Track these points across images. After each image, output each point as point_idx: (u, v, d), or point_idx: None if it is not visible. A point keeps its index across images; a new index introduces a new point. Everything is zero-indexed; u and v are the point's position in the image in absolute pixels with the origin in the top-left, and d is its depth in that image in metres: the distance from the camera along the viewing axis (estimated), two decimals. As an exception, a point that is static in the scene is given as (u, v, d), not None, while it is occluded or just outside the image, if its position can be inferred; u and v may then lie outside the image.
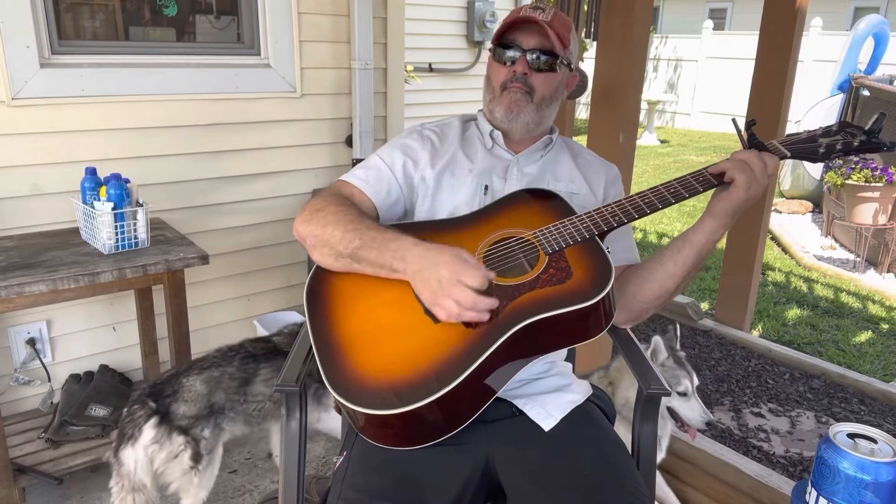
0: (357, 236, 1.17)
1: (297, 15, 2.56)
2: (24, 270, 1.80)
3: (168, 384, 1.87)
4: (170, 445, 1.79)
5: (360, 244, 1.16)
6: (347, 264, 1.18)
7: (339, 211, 1.22)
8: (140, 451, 1.78)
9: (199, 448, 1.82)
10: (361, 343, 1.10)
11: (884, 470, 1.02)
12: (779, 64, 2.78)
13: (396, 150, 1.38)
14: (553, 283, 1.12)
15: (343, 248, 1.17)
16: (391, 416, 1.01)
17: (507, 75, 1.33)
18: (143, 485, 1.81)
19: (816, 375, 2.80)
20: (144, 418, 1.80)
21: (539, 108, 1.34)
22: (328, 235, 1.19)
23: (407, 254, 1.12)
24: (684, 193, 1.19)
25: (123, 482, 1.81)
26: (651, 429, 1.30)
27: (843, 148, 1.18)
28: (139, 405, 1.83)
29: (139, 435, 1.79)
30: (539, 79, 1.32)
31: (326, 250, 1.20)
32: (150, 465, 1.80)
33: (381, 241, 1.15)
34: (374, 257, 1.15)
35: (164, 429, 1.80)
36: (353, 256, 1.16)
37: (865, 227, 4.69)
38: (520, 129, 1.36)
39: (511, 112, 1.33)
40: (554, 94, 1.36)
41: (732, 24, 15.77)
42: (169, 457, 1.80)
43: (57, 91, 2.13)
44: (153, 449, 1.79)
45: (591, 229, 1.18)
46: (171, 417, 1.80)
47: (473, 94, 4.24)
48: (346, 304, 1.17)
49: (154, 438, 1.79)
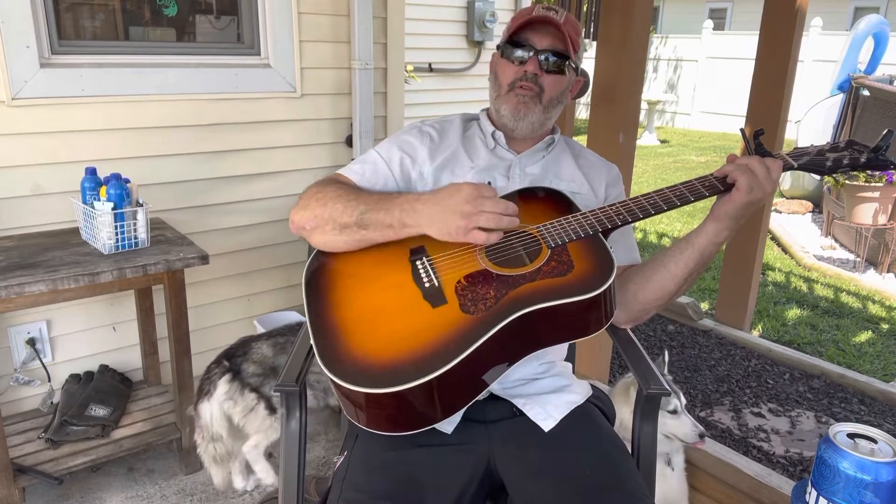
0: (361, 202, 1.18)
1: (297, 15, 2.56)
2: (24, 270, 1.80)
3: (240, 347, 2.08)
4: (242, 401, 1.99)
5: (366, 208, 1.17)
6: (354, 233, 1.18)
7: (338, 188, 1.24)
8: (215, 405, 1.98)
9: (272, 403, 2.00)
10: (358, 325, 1.10)
11: (884, 470, 1.02)
12: (779, 64, 2.78)
13: (394, 145, 1.38)
14: (554, 275, 1.12)
15: (347, 218, 1.17)
16: (385, 396, 1.00)
17: (516, 74, 1.32)
18: (220, 435, 2.01)
19: (816, 375, 2.80)
20: (219, 375, 2.01)
21: (546, 110, 1.34)
22: (329, 211, 1.19)
23: (416, 204, 1.13)
24: (690, 197, 1.19)
25: (203, 433, 2.02)
26: (651, 429, 1.30)
27: (850, 164, 1.19)
28: (215, 364, 2.05)
29: (214, 390, 1.99)
30: (549, 80, 1.32)
31: (329, 227, 1.19)
32: (225, 418, 2.00)
33: (387, 200, 1.17)
34: (381, 217, 1.15)
35: (237, 385, 1.99)
36: (360, 223, 1.16)
37: (865, 227, 4.70)
38: (525, 129, 1.36)
39: (518, 112, 1.33)
40: (560, 97, 1.36)
41: (732, 24, 15.77)
42: (245, 410, 1.99)
43: (57, 91, 2.13)
44: (228, 404, 1.99)
45: (595, 226, 1.18)
46: (242, 376, 1.99)
47: (473, 94, 4.26)
48: (344, 288, 1.17)
49: (227, 394, 1.98)
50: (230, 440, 2.04)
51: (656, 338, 3.14)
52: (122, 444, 2.09)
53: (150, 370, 2.45)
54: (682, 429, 1.87)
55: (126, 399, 2.31)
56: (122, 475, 2.21)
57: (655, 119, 11.68)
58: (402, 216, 1.13)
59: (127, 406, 2.28)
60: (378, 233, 1.16)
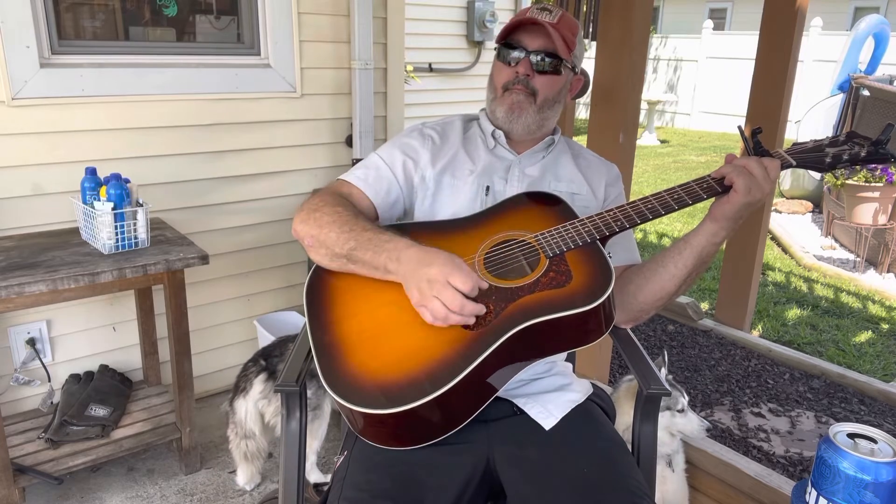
0: (352, 237, 1.17)
1: (297, 15, 2.56)
2: (24, 270, 1.80)
3: (277, 347, 2.12)
4: (276, 401, 1.98)
5: (356, 245, 1.16)
6: (343, 265, 1.19)
7: (335, 212, 1.22)
8: (250, 402, 2.02)
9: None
10: (359, 343, 1.10)
11: (884, 470, 1.02)
12: (779, 64, 2.78)
13: (396, 149, 1.38)
14: (553, 286, 1.11)
15: (339, 249, 1.17)
16: (387, 416, 1.01)
17: (509, 76, 1.33)
18: (253, 433, 2.05)
19: (816, 375, 2.80)
20: (255, 374, 2.04)
21: (541, 111, 1.34)
22: (324, 236, 1.19)
23: (402, 254, 1.12)
24: (688, 200, 1.19)
25: (237, 429, 2.06)
26: (651, 428, 1.30)
27: (850, 159, 1.18)
28: (252, 363, 2.08)
29: (250, 388, 2.03)
30: (542, 81, 1.32)
31: (323, 251, 1.20)
32: (259, 416, 2.03)
33: (377, 242, 1.15)
34: (368, 258, 1.15)
35: (272, 385, 2.01)
36: (349, 257, 1.17)
37: (865, 227, 4.70)
38: (520, 131, 1.36)
39: (512, 113, 1.33)
40: (557, 97, 1.36)
41: (732, 24, 15.77)
42: (277, 411, 1.98)
43: (57, 91, 2.13)
44: (262, 403, 2.02)
45: (593, 233, 1.18)
46: (277, 375, 1.99)
47: (473, 94, 4.26)
48: (344, 304, 1.17)
49: (263, 393, 2.01)
50: (262, 438, 2.08)
51: (656, 338, 3.14)
52: (122, 444, 2.09)
53: (150, 370, 2.45)
54: (690, 426, 1.93)
55: (126, 399, 2.31)
56: (122, 475, 2.21)
57: (655, 119, 11.68)
58: (387, 263, 1.13)
59: (127, 406, 2.28)
60: (365, 270, 1.17)
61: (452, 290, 1.04)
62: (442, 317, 1.05)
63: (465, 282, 1.05)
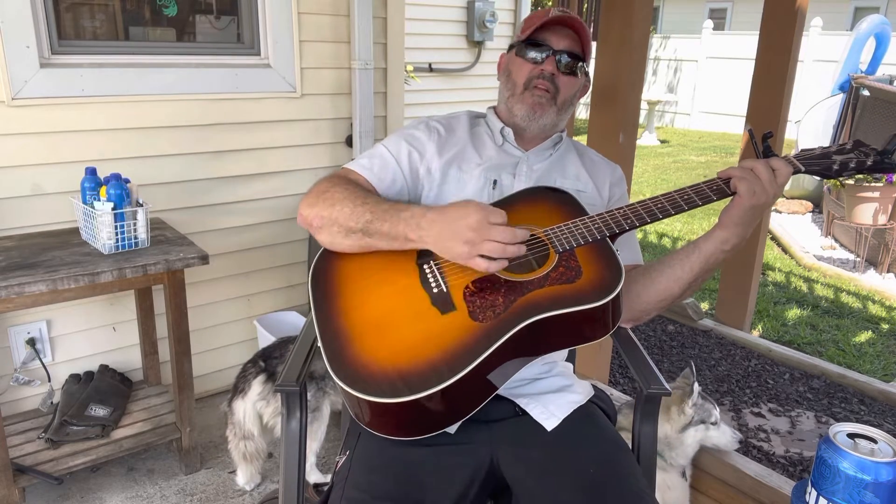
0: (367, 209, 1.16)
1: (297, 15, 2.56)
2: (24, 270, 1.80)
3: (277, 348, 2.11)
4: (275, 402, 2.01)
5: (372, 217, 1.15)
6: (359, 239, 1.17)
7: (346, 189, 1.22)
8: (249, 403, 2.02)
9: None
10: (367, 331, 1.09)
11: (884, 470, 1.02)
12: (779, 64, 2.78)
13: (402, 140, 1.37)
14: (563, 281, 1.11)
15: (354, 223, 1.16)
16: (394, 405, 1.01)
17: (532, 73, 1.33)
18: (252, 434, 2.05)
19: (816, 375, 2.80)
20: (254, 375, 2.04)
21: (560, 111, 1.36)
22: (336, 213, 1.18)
23: (421, 220, 1.12)
24: (697, 201, 1.19)
25: (235, 430, 2.07)
26: (651, 429, 1.30)
27: (857, 167, 1.18)
28: (251, 364, 2.09)
29: (248, 389, 2.03)
30: (564, 81, 1.33)
31: (335, 228, 1.19)
32: (258, 417, 2.03)
33: (394, 211, 1.15)
34: (387, 229, 1.14)
35: (270, 386, 2.01)
36: (365, 231, 1.16)
37: (865, 227, 4.69)
38: (536, 130, 1.36)
39: (534, 112, 1.33)
40: (573, 99, 1.37)
41: (732, 25, 15.77)
42: (276, 412, 2.01)
43: (57, 91, 2.13)
44: (261, 404, 2.02)
45: (603, 230, 1.18)
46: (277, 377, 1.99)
47: (473, 94, 4.26)
48: (351, 293, 1.16)
49: (261, 394, 2.01)
50: (261, 439, 2.09)
51: (656, 338, 3.14)
52: (122, 444, 2.09)
53: (150, 370, 2.45)
54: (724, 438, 1.91)
55: (126, 399, 2.31)
56: (122, 475, 2.21)
57: (655, 119, 11.68)
58: (407, 231, 1.12)
59: (127, 406, 2.28)
60: (383, 242, 1.16)
61: (497, 227, 1.06)
62: (500, 251, 1.05)
63: (499, 214, 1.07)
